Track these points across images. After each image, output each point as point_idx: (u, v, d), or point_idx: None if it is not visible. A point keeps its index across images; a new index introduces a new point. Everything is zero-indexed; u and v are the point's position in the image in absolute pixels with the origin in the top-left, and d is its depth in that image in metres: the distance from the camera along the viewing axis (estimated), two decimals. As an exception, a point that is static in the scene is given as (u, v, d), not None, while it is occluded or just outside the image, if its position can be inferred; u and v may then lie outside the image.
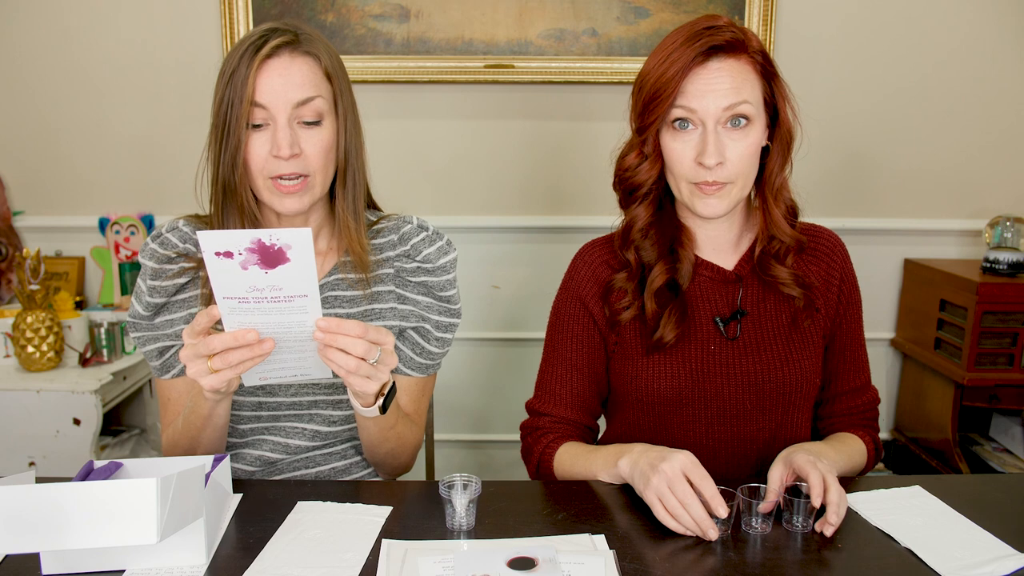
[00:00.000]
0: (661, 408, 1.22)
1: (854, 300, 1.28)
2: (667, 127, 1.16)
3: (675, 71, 1.12)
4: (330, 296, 1.23)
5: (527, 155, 2.43)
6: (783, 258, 1.22)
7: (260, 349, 0.96)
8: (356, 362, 0.99)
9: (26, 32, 2.33)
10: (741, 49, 1.13)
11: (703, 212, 1.16)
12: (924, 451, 2.40)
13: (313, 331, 0.97)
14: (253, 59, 1.10)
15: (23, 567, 0.91)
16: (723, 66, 1.12)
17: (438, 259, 1.25)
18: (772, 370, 1.20)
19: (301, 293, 0.94)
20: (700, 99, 1.11)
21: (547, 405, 1.29)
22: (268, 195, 1.16)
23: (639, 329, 1.23)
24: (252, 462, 1.27)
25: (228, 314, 0.95)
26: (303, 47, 1.14)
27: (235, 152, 1.12)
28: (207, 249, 0.90)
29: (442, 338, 1.28)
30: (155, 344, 1.23)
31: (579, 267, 1.29)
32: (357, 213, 1.22)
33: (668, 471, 1.01)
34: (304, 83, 1.12)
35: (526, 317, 2.51)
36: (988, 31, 2.35)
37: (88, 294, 2.50)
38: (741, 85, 1.12)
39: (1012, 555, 0.95)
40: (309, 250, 0.91)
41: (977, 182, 2.46)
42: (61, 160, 2.43)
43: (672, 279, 1.22)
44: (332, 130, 1.16)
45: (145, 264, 1.22)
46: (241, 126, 1.11)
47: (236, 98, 1.10)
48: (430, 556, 0.92)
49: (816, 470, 1.01)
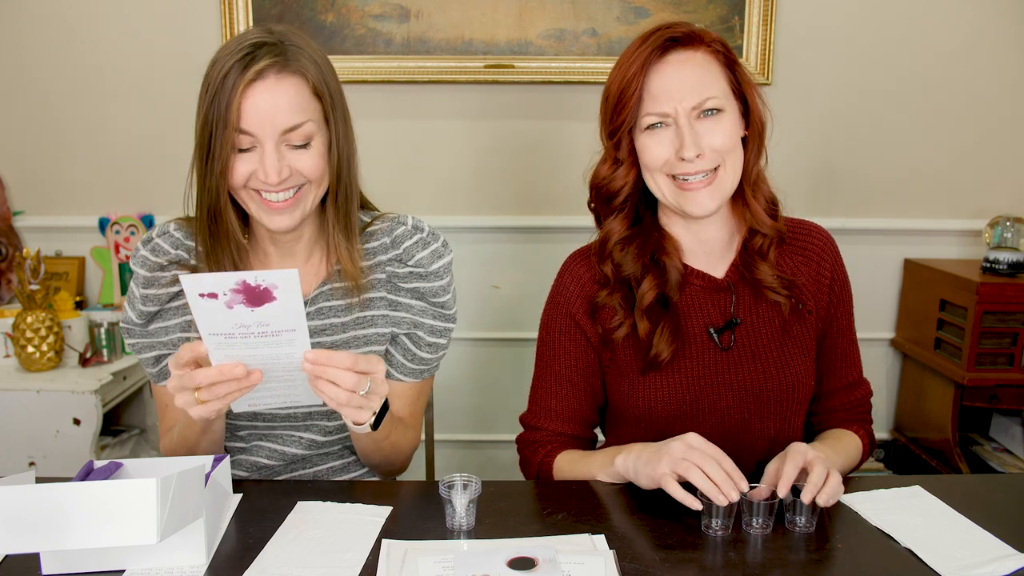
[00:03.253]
0: (660, 424, 1.20)
1: (845, 297, 1.27)
2: (639, 131, 1.15)
3: (635, 69, 1.11)
4: (322, 307, 1.20)
5: (527, 155, 2.43)
6: (766, 252, 1.20)
7: (247, 382, 0.95)
8: (347, 395, 0.97)
9: (26, 32, 2.33)
10: (698, 41, 1.12)
11: (693, 211, 1.14)
12: (924, 451, 2.40)
13: (302, 362, 0.95)
14: (238, 80, 1.04)
15: (23, 567, 0.91)
16: (683, 58, 1.12)
17: (431, 264, 1.21)
18: (768, 378, 1.19)
19: (288, 328, 0.92)
20: (667, 98, 1.11)
21: (542, 420, 1.27)
22: (257, 210, 1.12)
23: (632, 346, 1.21)
24: (248, 468, 1.26)
25: (214, 349, 0.93)
26: (290, 66, 1.07)
27: (220, 178, 1.08)
28: (191, 292, 0.88)
29: (435, 343, 1.25)
30: (151, 352, 1.22)
31: (567, 282, 1.25)
32: (349, 230, 1.17)
33: (682, 446, 1.02)
34: (292, 107, 1.07)
35: (525, 317, 2.51)
36: (988, 30, 2.35)
37: (88, 294, 2.50)
38: (704, 78, 1.11)
39: (1012, 555, 0.95)
40: (296, 290, 0.88)
41: (977, 182, 2.45)
42: (61, 160, 2.42)
43: (662, 293, 1.19)
44: (323, 147, 1.11)
45: (137, 272, 1.20)
46: (227, 151, 1.06)
47: (220, 122, 1.05)
48: (430, 556, 0.92)
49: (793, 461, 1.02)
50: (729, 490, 0.96)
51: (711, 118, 1.12)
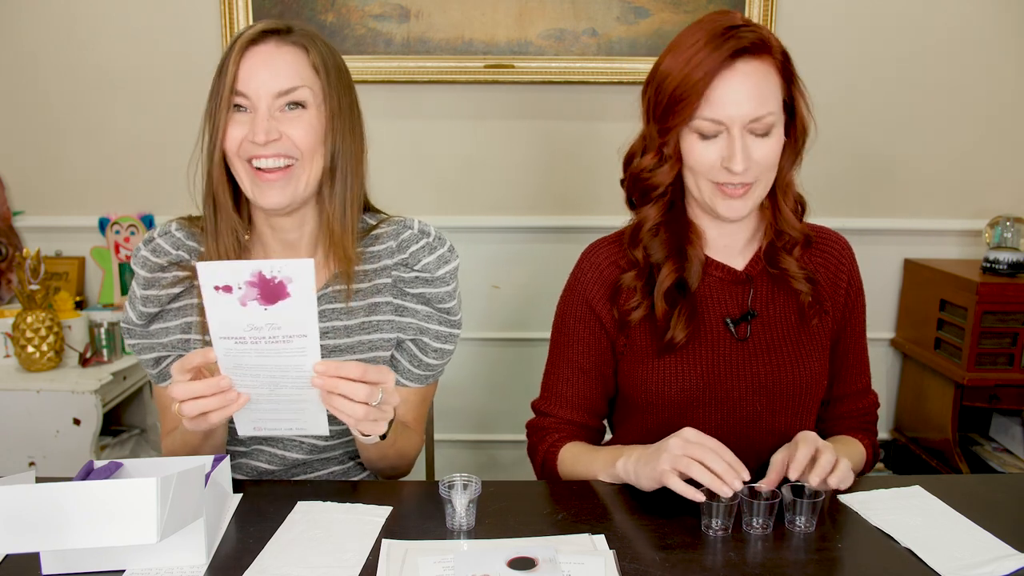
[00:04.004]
0: (671, 411, 1.21)
1: (859, 304, 1.28)
2: (689, 130, 1.13)
3: (701, 75, 1.08)
4: (326, 309, 1.19)
5: (527, 155, 2.43)
6: (790, 250, 1.21)
7: (232, 397, 0.94)
8: (364, 409, 0.95)
9: (26, 32, 2.33)
10: (765, 50, 1.10)
11: (726, 214, 1.15)
12: (924, 451, 2.40)
13: (311, 377, 0.94)
14: (240, 46, 1.09)
15: (23, 567, 0.91)
16: (749, 69, 1.09)
17: (437, 269, 1.21)
18: (782, 372, 1.20)
19: (300, 332, 0.92)
20: (726, 108, 1.09)
21: (552, 407, 1.28)
22: (250, 186, 1.12)
23: (648, 330, 1.21)
24: (248, 472, 1.26)
25: (224, 355, 0.93)
26: (291, 38, 1.11)
27: (219, 142, 1.10)
28: (206, 283, 0.88)
29: (441, 349, 1.25)
30: (151, 353, 1.22)
31: (585, 268, 1.26)
32: (345, 218, 1.16)
33: (680, 441, 1.02)
34: (288, 73, 1.10)
35: (527, 317, 2.51)
36: (989, 30, 2.34)
37: (88, 294, 2.50)
38: (765, 93, 1.10)
39: (1012, 555, 0.95)
40: (310, 283, 0.89)
41: (977, 182, 2.46)
42: (61, 160, 2.42)
43: (681, 279, 1.20)
44: (318, 120, 1.12)
45: (138, 272, 1.19)
46: (223, 112, 1.10)
47: (220, 86, 1.10)
48: (430, 556, 0.92)
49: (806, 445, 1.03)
50: (732, 479, 0.97)
51: (762, 135, 1.11)
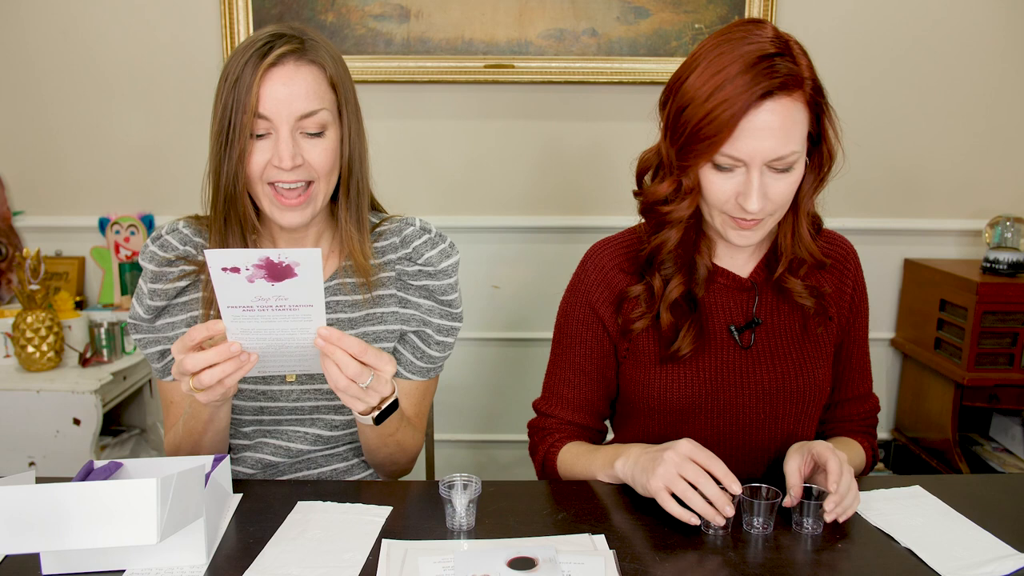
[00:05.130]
0: (673, 416, 1.21)
1: (863, 309, 1.28)
2: (707, 161, 1.09)
3: (728, 116, 1.03)
4: (331, 301, 1.22)
5: (527, 155, 2.43)
6: (796, 270, 1.19)
7: (245, 360, 0.96)
8: (346, 381, 0.98)
9: (26, 32, 2.33)
10: (797, 85, 1.04)
11: (737, 243, 1.13)
12: (924, 451, 2.40)
13: (315, 338, 0.97)
14: (257, 67, 1.07)
15: (23, 567, 0.91)
16: (778, 108, 1.04)
17: (440, 263, 1.23)
18: (786, 380, 1.19)
19: (306, 303, 0.93)
20: (748, 148, 1.05)
21: (554, 407, 1.28)
22: (269, 206, 1.14)
23: (652, 336, 1.21)
24: (253, 465, 1.26)
25: (231, 321, 0.94)
26: (308, 55, 1.11)
27: (238, 163, 1.10)
28: (213, 265, 0.89)
29: (443, 342, 1.27)
30: (156, 347, 1.23)
31: (589, 270, 1.25)
32: (361, 222, 1.20)
33: (674, 457, 1.01)
34: (308, 94, 1.10)
35: (527, 317, 2.51)
36: (990, 31, 2.35)
37: (88, 294, 2.50)
38: (791, 132, 1.05)
39: (1012, 555, 0.95)
40: (318, 269, 0.90)
41: (977, 182, 2.46)
42: (61, 160, 2.43)
43: (688, 290, 1.19)
44: (336, 140, 1.14)
45: (145, 267, 1.22)
46: (244, 136, 1.09)
47: (239, 107, 1.08)
48: (430, 556, 0.92)
49: (835, 456, 1.02)
50: (723, 506, 0.97)
51: (783, 172, 1.08)
